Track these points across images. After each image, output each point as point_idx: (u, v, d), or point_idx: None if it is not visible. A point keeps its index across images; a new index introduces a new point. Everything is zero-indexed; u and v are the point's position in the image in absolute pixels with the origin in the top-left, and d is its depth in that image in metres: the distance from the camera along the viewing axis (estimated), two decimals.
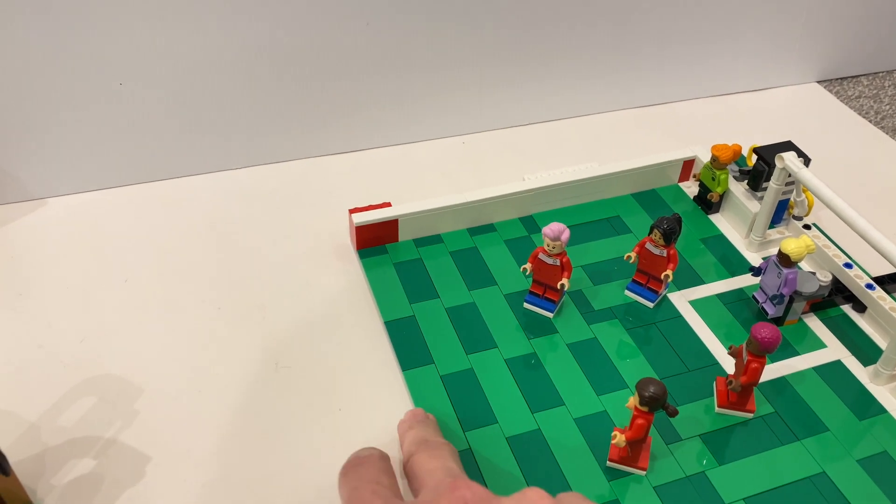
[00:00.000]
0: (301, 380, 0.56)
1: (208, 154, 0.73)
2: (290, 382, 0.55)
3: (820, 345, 0.58)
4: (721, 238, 0.67)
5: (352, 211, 0.64)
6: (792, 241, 0.55)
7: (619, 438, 0.47)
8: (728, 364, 0.56)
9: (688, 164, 0.71)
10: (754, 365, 0.50)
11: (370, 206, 0.65)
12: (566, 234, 0.57)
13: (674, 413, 0.46)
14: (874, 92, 0.89)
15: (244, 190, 0.73)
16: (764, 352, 0.49)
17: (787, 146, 0.64)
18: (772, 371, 0.56)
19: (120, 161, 0.71)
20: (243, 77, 0.70)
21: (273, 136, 0.74)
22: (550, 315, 0.60)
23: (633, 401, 0.47)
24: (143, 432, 0.52)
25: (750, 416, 0.53)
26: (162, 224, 0.68)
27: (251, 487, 0.49)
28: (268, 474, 0.50)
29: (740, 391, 0.51)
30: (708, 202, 0.68)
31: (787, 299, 0.57)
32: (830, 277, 0.59)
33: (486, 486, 0.48)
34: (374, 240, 0.65)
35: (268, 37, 0.69)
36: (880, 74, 0.92)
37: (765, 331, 0.49)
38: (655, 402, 0.46)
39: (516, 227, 0.68)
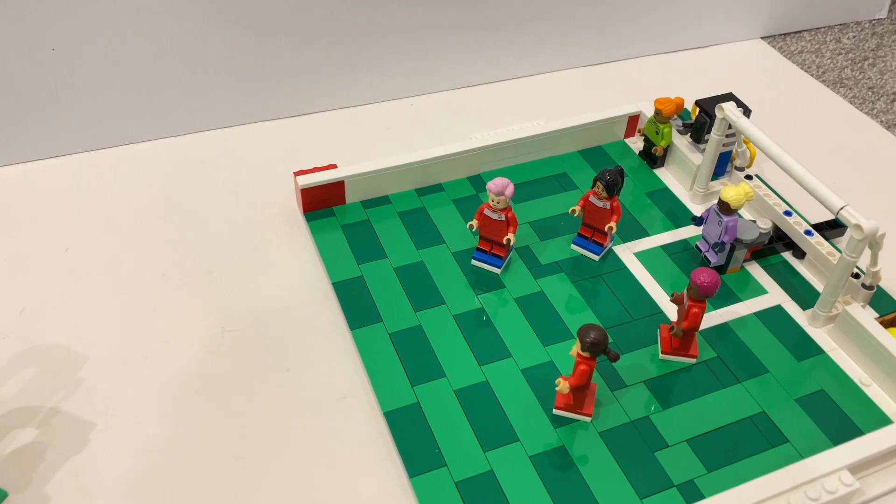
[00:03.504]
0: (248, 343, 0.55)
1: (151, 121, 0.72)
2: (238, 346, 0.55)
3: (761, 291, 0.59)
4: (666, 191, 0.68)
5: (297, 173, 0.63)
6: (731, 189, 0.56)
7: (562, 385, 0.47)
8: (672, 313, 0.57)
9: (633, 120, 0.72)
10: (695, 310, 0.51)
11: (316, 168, 0.64)
12: (510, 189, 0.57)
13: (615, 358, 0.47)
14: (816, 47, 0.90)
15: (189, 156, 0.71)
16: (703, 296, 0.50)
17: (728, 98, 0.65)
18: (714, 318, 0.57)
19: (58, 130, 0.69)
20: (185, 42, 0.69)
21: (218, 101, 0.73)
22: (498, 271, 0.60)
23: (576, 348, 0.48)
24: (88, 401, 0.51)
25: (693, 361, 0.54)
26: (105, 193, 0.67)
27: (197, 451, 0.49)
28: (214, 437, 0.50)
29: (682, 337, 0.52)
30: (653, 156, 0.69)
31: (728, 247, 0.58)
32: (770, 225, 0.60)
33: (433, 439, 0.49)
34: (321, 202, 0.64)
35: (210, 0, 0.67)
36: (822, 29, 0.93)
37: (703, 276, 0.50)
38: (597, 348, 0.46)
39: (464, 186, 0.68)
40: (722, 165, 0.67)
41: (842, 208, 0.52)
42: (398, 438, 0.49)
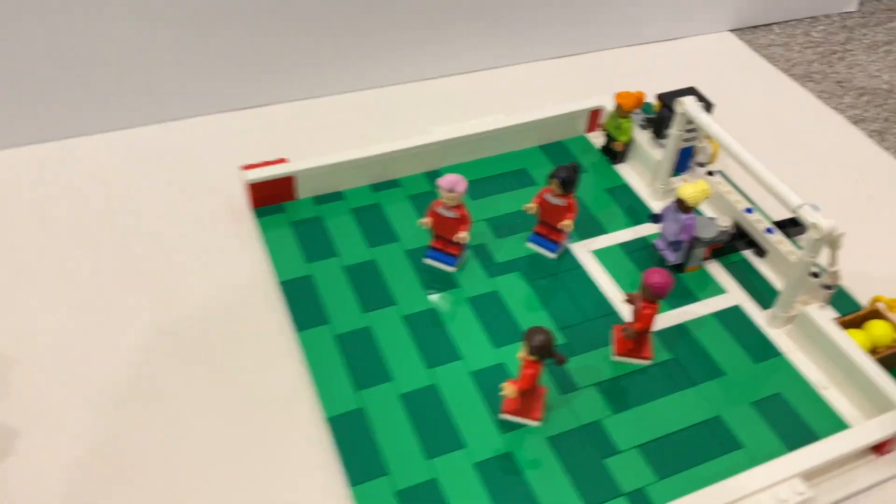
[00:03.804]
0: (189, 346, 0.53)
1: (95, 114, 0.69)
2: (177, 349, 0.53)
3: (720, 290, 0.58)
4: (626, 188, 0.66)
5: (245, 168, 0.61)
6: (688, 186, 0.54)
7: (508, 390, 0.46)
8: (627, 313, 0.56)
9: (594, 115, 0.70)
10: (647, 311, 0.49)
11: (265, 162, 0.62)
12: (461, 185, 0.55)
13: (562, 361, 0.46)
14: (785, 40, 0.89)
15: (135, 151, 0.69)
16: (656, 297, 0.49)
17: (689, 92, 0.64)
18: (672, 318, 0.56)
19: None
20: (129, 32, 0.66)
21: (166, 93, 0.71)
22: (452, 269, 0.58)
23: (523, 351, 0.46)
24: (15, 406, 0.49)
25: (647, 363, 0.52)
26: (44, 188, 0.64)
27: (130, 460, 0.47)
28: (148, 445, 0.48)
29: (636, 338, 0.51)
30: (613, 152, 0.67)
31: (686, 245, 0.57)
32: (730, 223, 0.58)
33: (376, 446, 0.47)
34: (271, 198, 0.62)
35: None
36: (791, 23, 0.92)
37: (656, 276, 0.48)
38: (543, 351, 0.45)
39: (421, 182, 0.66)
40: (684, 161, 0.66)
41: (799, 206, 0.50)
42: (341, 445, 0.47)
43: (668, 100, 0.64)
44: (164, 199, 0.64)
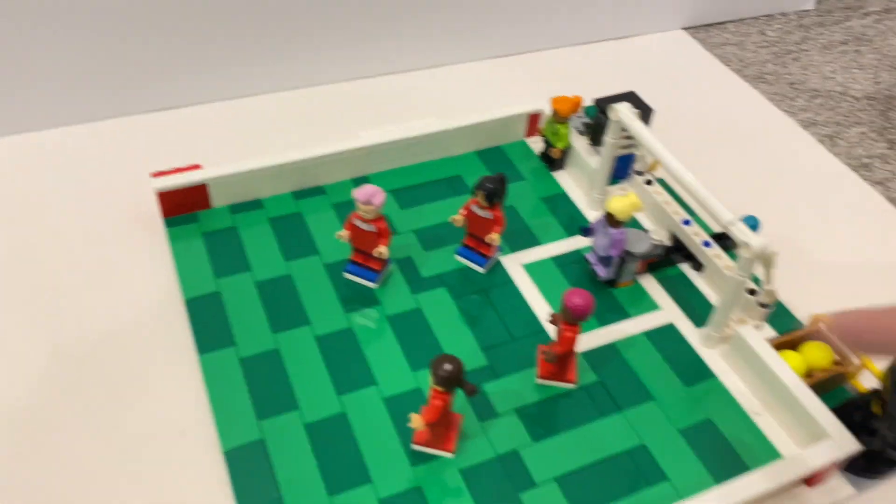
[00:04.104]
0: (83, 369, 0.49)
1: None
2: (70, 373, 0.49)
3: (653, 307, 0.55)
4: (563, 197, 0.63)
5: (154, 175, 0.57)
6: (617, 200, 0.51)
7: (415, 422, 0.43)
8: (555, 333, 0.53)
9: (534, 118, 0.67)
10: (567, 334, 0.46)
11: (176, 168, 0.58)
12: (379, 198, 0.52)
13: (472, 391, 0.42)
14: (739, 39, 0.86)
15: (37, 156, 0.65)
16: (576, 320, 0.46)
17: (628, 97, 0.61)
18: (600, 337, 0.53)
19: None
20: (37, 31, 0.62)
21: (71, 94, 0.66)
22: (373, 285, 0.55)
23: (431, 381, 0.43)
24: None
25: (572, 386, 0.49)
26: None
27: (18, 495, 0.43)
28: (28, 481, 0.44)
29: (558, 361, 0.48)
30: (551, 158, 0.64)
31: (616, 261, 0.54)
32: (665, 236, 0.56)
33: (275, 482, 0.44)
34: (184, 207, 0.58)
35: None
36: (747, 21, 0.89)
37: (576, 298, 0.45)
38: (450, 382, 0.42)
39: (348, 189, 0.62)
40: (624, 169, 0.63)
41: (731, 223, 0.47)
42: (236, 481, 0.44)
43: (604, 105, 0.61)
44: (67, 208, 0.60)
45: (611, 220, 0.52)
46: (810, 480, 0.45)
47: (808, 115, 0.76)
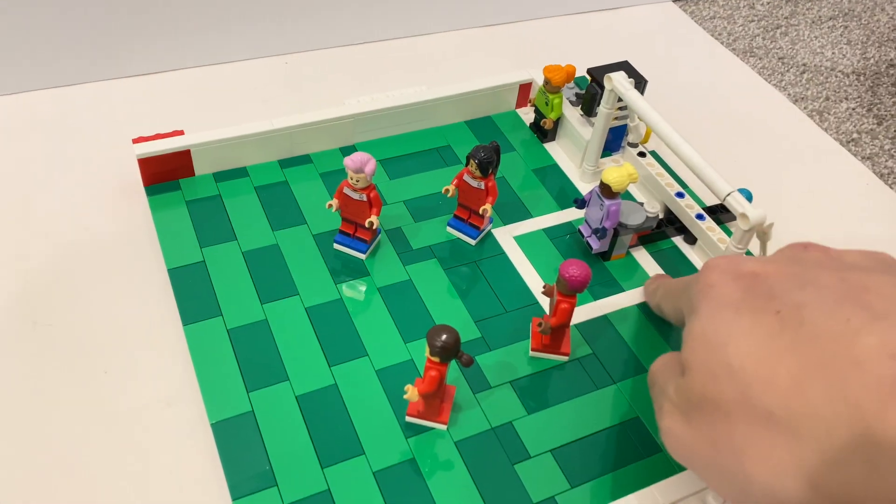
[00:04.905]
0: (63, 340, 0.48)
1: None
2: (50, 343, 0.48)
3: (647, 279, 0.54)
4: (555, 168, 0.62)
5: (135, 140, 0.55)
6: (613, 171, 0.51)
7: (411, 393, 0.42)
8: (548, 305, 0.52)
9: (525, 88, 0.66)
10: (563, 305, 0.46)
11: (158, 135, 0.56)
12: (371, 166, 0.50)
13: (468, 363, 0.42)
14: (728, 13, 0.86)
15: (15, 120, 0.62)
16: (573, 291, 0.45)
17: (622, 66, 0.60)
18: (594, 309, 0.52)
19: None
20: None
21: (53, 56, 0.64)
22: (363, 256, 0.54)
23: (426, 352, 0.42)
24: None
25: (565, 359, 0.49)
26: None
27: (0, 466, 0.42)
28: (10, 453, 0.42)
29: (553, 333, 0.47)
30: (543, 129, 0.63)
31: (610, 232, 0.53)
32: (658, 208, 0.55)
33: (266, 454, 0.43)
34: (166, 174, 0.57)
35: None
36: None
37: (572, 269, 0.44)
38: (447, 352, 0.41)
39: (335, 158, 0.61)
40: (617, 140, 0.62)
41: (728, 194, 0.47)
42: (224, 454, 0.42)
43: (598, 75, 0.60)
44: (46, 175, 0.58)
45: (606, 191, 0.51)
46: None
47: (796, 90, 0.76)
